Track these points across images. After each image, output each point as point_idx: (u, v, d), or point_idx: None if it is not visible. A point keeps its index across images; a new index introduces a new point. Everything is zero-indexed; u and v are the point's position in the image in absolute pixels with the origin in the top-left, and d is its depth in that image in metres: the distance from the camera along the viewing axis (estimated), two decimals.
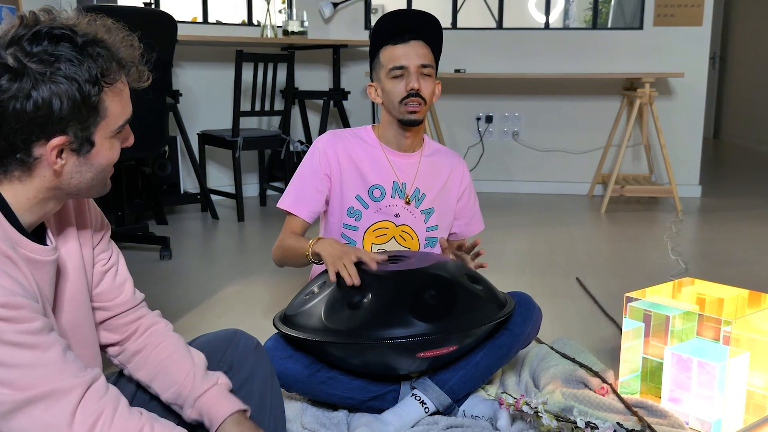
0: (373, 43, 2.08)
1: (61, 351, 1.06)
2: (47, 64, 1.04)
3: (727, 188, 5.82)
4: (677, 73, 4.92)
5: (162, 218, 4.40)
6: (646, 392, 2.00)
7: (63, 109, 1.05)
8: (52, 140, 1.07)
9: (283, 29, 5.10)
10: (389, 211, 2.11)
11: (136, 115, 1.19)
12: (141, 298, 1.39)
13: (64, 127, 1.07)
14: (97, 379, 1.09)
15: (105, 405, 1.07)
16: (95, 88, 1.07)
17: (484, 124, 5.54)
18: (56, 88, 1.04)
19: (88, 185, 1.15)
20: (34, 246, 1.13)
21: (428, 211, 2.14)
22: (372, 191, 2.10)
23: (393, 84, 2.02)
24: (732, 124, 9.79)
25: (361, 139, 2.13)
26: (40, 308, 1.07)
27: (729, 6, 9.80)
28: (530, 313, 1.95)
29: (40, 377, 1.03)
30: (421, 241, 2.14)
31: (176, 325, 2.57)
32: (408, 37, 2.02)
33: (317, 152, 2.09)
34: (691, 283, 2.14)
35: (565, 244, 3.92)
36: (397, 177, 2.11)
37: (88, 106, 1.08)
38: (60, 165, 1.10)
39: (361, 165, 2.10)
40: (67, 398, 1.04)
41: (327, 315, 1.74)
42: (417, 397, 1.85)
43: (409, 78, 2.01)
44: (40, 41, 1.05)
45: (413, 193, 2.12)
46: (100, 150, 1.13)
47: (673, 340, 1.94)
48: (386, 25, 2.06)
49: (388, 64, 2.03)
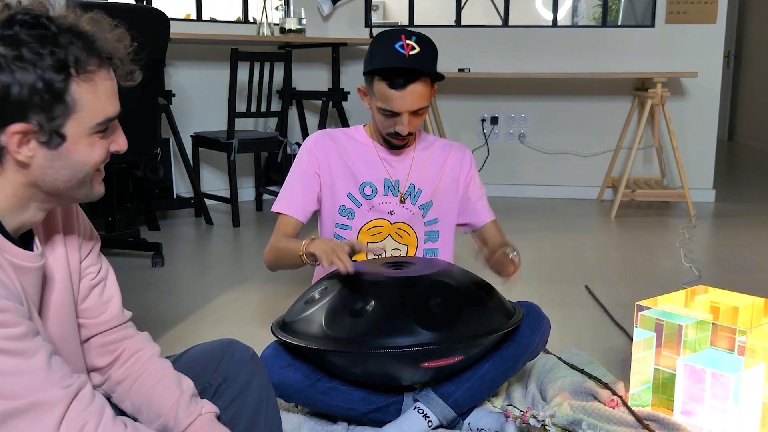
0: (368, 61, 2.03)
1: (46, 357, 1.06)
2: (12, 48, 1.05)
3: (742, 192, 5.82)
4: (690, 72, 4.93)
5: (154, 224, 4.40)
6: (657, 405, 2.00)
7: (22, 93, 1.05)
8: (11, 126, 1.07)
9: (280, 27, 5.11)
10: (383, 208, 2.14)
11: (127, 116, 1.19)
12: (128, 316, 1.39)
13: (23, 113, 1.07)
14: (83, 387, 1.09)
15: (89, 416, 1.07)
16: (60, 76, 1.07)
17: (489, 126, 5.54)
18: (17, 72, 1.05)
19: (66, 184, 1.15)
20: (19, 251, 1.13)
21: (426, 205, 2.16)
22: (363, 188, 2.13)
23: (382, 117, 2.04)
24: (747, 125, 9.80)
25: (352, 138, 2.17)
26: (25, 311, 1.07)
27: (744, 3, 9.82)
28: (538, 324, 1.95)
29: (25, 386, 1.03)
30: (420, 237, 2.16)
31: (168, 335, 2.58)
32: (403, 83, 1.96)
33: (306, 151, 2.15)
34: (704, 291, 2.14)
35: (574, 251, 3.92)
36: (389, 174, 2.14)
37: (52, 94, 1.08)
38: (25, 156, 1.09)
39: (351, 163, 2.14)
40: (53, 411, 1.04)
41: (328, 322, 1.74)
42: (420, 410, 1.85)
43: (399, 121, 2.01)
44: (12, 26, 1.06)
45: (408, 190, 2.14)
46: (75, 146, 1.12)
47: (685, 350, 1.94)
48: (380, 57, 1.99)
49: (380, 101, 2.01)
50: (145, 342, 1.38)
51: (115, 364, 1.35)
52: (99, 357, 1.34)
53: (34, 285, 1.16)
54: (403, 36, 1.97)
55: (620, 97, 5.37)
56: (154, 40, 3.46)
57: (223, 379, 1.39)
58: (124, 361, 1.35)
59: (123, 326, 1.37)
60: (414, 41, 1.97)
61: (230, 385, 1.39)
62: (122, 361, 1.35)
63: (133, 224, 4.40)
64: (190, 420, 1.28)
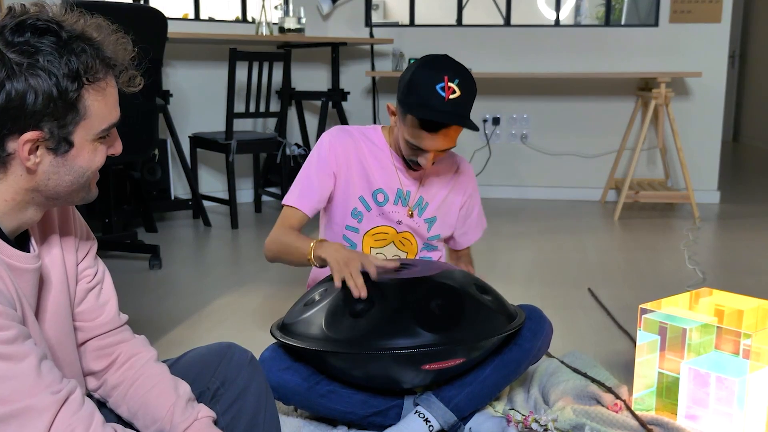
0: (405, 90, 1.95)
1: (36, 362, 1.06)
2: (26, 56, 1.05)
3: (747, 194, 5.82)
4: (694, 72, 4.93)
5: (151, 225, 4.40)
6: (661, 409, 2.00)
7: (37, 102, 1.06)
8: (25, 135, 1.07)
9: (279, 26, 5.12)
10: (392, 216, 2.13)
11: (123, 117, 1.19)
12: (124, 320, 1.39)
13: (37, 121, 1.07)
14: (73, 393, 1.09)
15: (78, 423, 1.07)
16: (74, 85, 1.08)
17: (490, 127, 5.55)
18: (33, 80, 1.05)
19: (67, 189, 1.16)
20: (15, 252, 1.13)
21: (431, 220, 2.16)
22: (376, 195, 2.11)
23: (408, 148, 2.00)
24: (752, 126, 9.79)
25: (370, 140, 2.13)
26: (17, 315, 1.07)
27: (749, 1, 9.82)
28: (541, 328, 1.95)
29: (13, 391, 1.03)
30: (420, 246, 2.17)
31: (166, 338, 2.59)
32: (437, 127, 1.92)
33: (324, 146, 2.10)
34: (709, 293, 2.14)
35: (577, 253, 3.92)
36: (401, 184, 2.12)
37: (66, 103, 1.08)
38: (33, 162, 1.10)
39: (368, 166, 2.11)
40: (41, 417, 1.04)
41: (328, 323, 1.74)
42: (421, 415, 1.85)
43: (424, 157, 1.99)
44: (23, 32, 1.06)
45: (417, 202, 2.13)
46: (80, 152, 1.13)
47: (690, 353, 1.94)
48: (418, 95, 1.91)
49: (408, 135, 1.97)
50: (141, 346, 1.39)
51: (111, 368, 1.35)
52: (95, 361, 1.35)
53: (30, 287, 1.16)
54: (446, 78, 1.90)
55: (624, 98, 5.37)
56: (152, 40, 3.46)
57: (221, 383, 1.40)
58: (120, 365, 1.35)
59: (119, 330, 1.37)
60: (456, 84, 1.90)
61: (228, 389, 1.39)
62: (118, 365, 1.35)
63: (131, 226, 4.40)
64: (186, 425, 1.28)
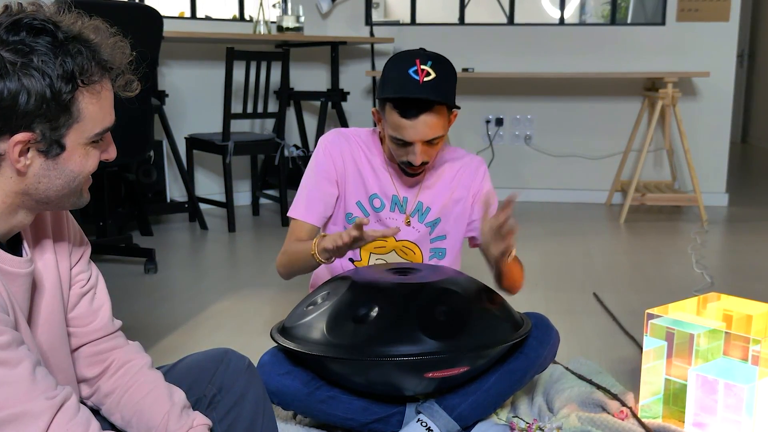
0: (381, 86, 1.96)
1: (31, 368, 1.06)
2: (20, 55, 1.05)
3: (756, 196, 5.82)
4: (702, 72, 4.93)
5: (147, 229, 4.41)
6: (668, 416, 2.00)
7: (30, 103, 1.06)
8: (16, 136, 1.08)
9: (278, 25, 5.12)
10: (390, 223, 2.11)
11: (118, 118, 1.20)
12: (118, 326, 1.39)
13: (29, 122, 1.07)
14: (68, 399, 1.10)
15: (74, 428, 1.08)
16: (68, 86, 1.08)
17: (494, 128, 5.55)
18: (26, 80, 1.05)
19: (57, 193, 1.16)
20: (7, 256, 1.13)
21: (434, 222, 2.14)
22: (372, 200, 2.11)
23: (395, 146, 1.98)
24: (761, 127, 9.80)
25: (365, 144, 2.13)
26: (9, 320, 1.08)
27: (758, 0, 9.82)
28: (547, 337, 1.95)
29: (7, 396, 1.03)
30: (425, 254, 2.15)
31: (162, 344, 2.58)
32: (416, 112, 1.87)
33: (320, 153, 2.10)
34: (717, 298, 2.14)
35: (582, 257, 3.92)
36: (396, 191, 2.11)
37: (59, 105, 1.08)
38: (23, 164, 1.10)
39: (363, 171, 2.10)
40: (36, 423, 1.05)
41: (330, 328, 1.74)
42: (423, 423, 1.85)
43: (412, 151, 1.95)
44: (18, 31, 1.06)
45: (416, 209, 2.12)
46: (72, 156, 1.13)
47: (697, 360, 1.94)
48: (392, 84, 1.91)
49: (391, 129, 1.94)
50: (135, 352, 1.39)
51: (104, 375, 1.35)
52: (88, 367, 1.35)
53: (23, 292, 1.17)
54: (417, 60, 1.89)
55: (630, 98, 5.37)
56: (147, 39, 3.47)
57: (217, 390, 1.40)
58: (114, 372, 1.35)
59: (112, 336, 1.37)
60: (429, 66, 1.88)
61: (225, 396, 1.39)
62: (111, 372, 1.35)
63: (125, 229, 4.40)
64: None
